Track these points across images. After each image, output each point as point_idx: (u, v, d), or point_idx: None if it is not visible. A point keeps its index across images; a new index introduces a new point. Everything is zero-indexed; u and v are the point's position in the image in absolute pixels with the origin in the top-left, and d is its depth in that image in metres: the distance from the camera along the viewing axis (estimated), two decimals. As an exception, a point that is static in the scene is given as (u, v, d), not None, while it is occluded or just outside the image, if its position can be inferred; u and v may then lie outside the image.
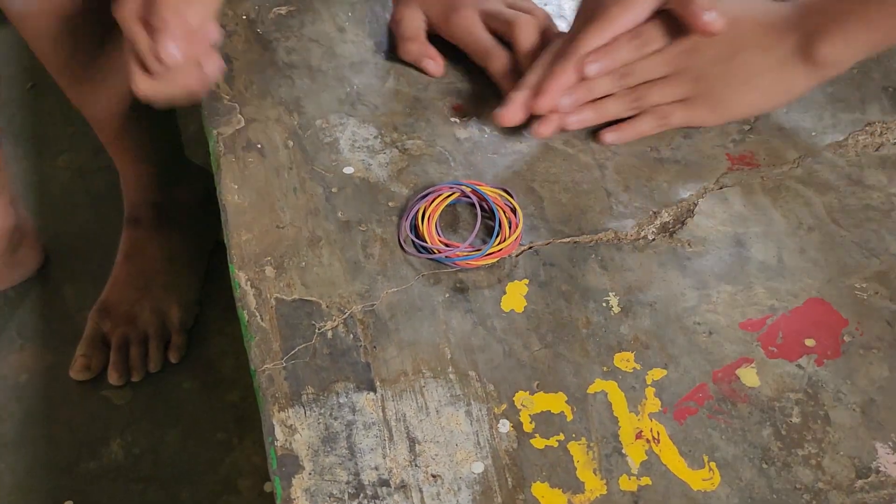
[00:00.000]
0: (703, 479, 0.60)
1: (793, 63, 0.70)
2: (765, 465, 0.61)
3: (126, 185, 1.15)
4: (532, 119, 0.76)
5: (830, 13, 0.68)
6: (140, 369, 1.13)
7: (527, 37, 0.79)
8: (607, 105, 0.76)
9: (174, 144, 1.16)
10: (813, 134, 0.80)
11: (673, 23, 0.73)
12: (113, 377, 1.12)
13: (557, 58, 0.74)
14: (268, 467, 0.62)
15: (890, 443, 0.61)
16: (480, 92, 0.83)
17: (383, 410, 0.63)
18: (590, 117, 0.76)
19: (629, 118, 0.77)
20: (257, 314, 0.68)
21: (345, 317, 0.68)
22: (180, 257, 1.17)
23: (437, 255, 0.71)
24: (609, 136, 0.76)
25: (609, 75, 0.75)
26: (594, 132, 0.79)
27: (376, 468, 0.61)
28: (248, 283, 0.70)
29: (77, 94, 1.02)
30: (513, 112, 0.75)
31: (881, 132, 0.80)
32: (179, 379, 1.13)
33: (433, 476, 0.60)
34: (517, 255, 0.71)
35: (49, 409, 1.12)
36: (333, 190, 0.76)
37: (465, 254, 0.70)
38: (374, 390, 0.64)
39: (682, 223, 0.74)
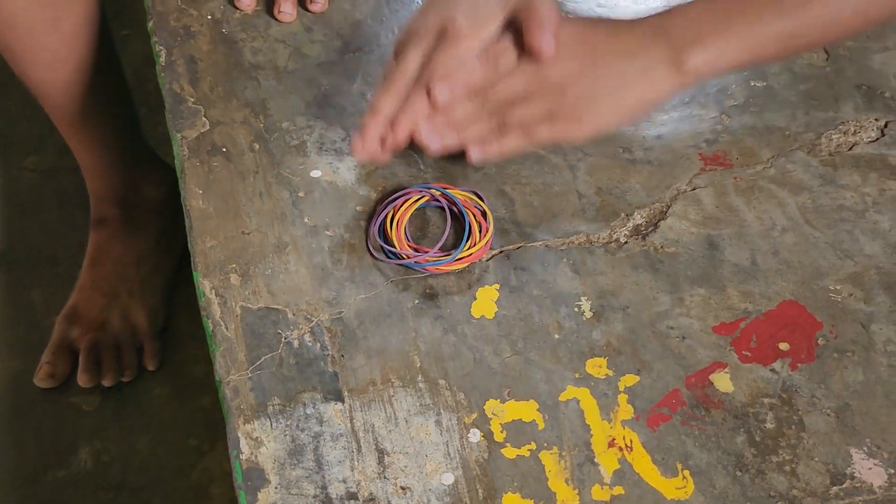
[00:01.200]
0: (676, 487, 0.59)
1: (659, 71, 0.67)
2: (739, 473, 0.60)
3: (90, 179, 1.13)
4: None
5: (701, 27, 0.66)
6: (113, 374, 1.11)
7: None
8: (470, 129, 0.70)
9: (135, 129, 1.14)
10: (787, 133, 0.79)
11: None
12: (83, 379, 1.09)
13: (409, 82, 0.70)
14: (233, 481, 0.60)
15: (865, 448, 0.61)
16: (450, 92, 0.82)
17: (351, 421, 0.62)
18: (453, 143, 0.70)
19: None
20: (222, 323, 0.66)
21: (312, 325, 0.67)
22: (149, 260, 1.15)
23: (406, 261, 0.69)
24: (474, 153, 0.69)
25: (468, 98, 0.70)
26: None
27: (344, 481, 0.59)
28: (213, 291, 0.68)
29: (34, 79, 1.00)
30: (369, 144, 0.69)
31: (854, 131, 0.79)
32: (150, 384, 1.11)
33: (402, 488, 0.59)
34: (487, 260, 0.70)
35: (16, 417, 1.09)
36: (300, 194, 0.74)
37: (435, 259, 0.69)
38: (342, 400, 0.63)
39: (655, 225, 0.73)
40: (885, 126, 0.79)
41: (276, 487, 0.59)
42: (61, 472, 1.05)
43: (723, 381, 0.64)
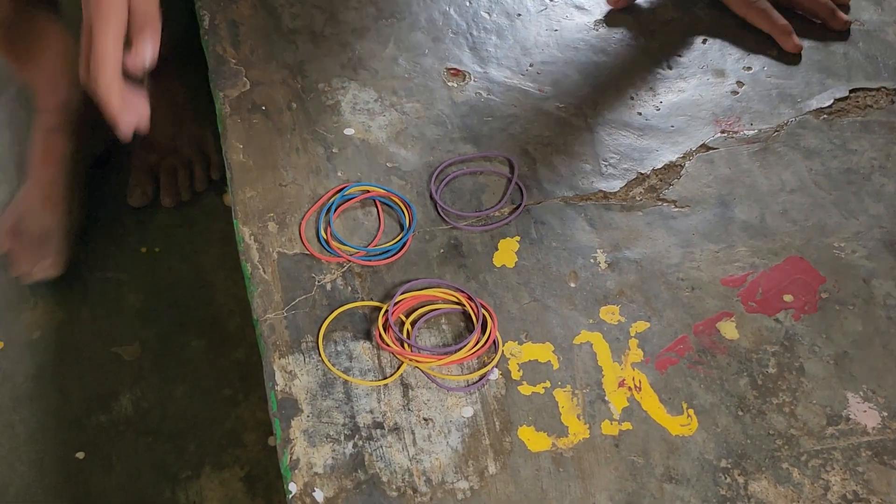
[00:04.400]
0: (681, 424, 0.63)
1: None
2: (740, 413, 0.64)
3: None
4: None
5: None
6: (188, 190, 1.28)
7: None
8: None
9: None
10: (799, 101, 0.82)
11: None
12: (166, 201, 1.27)
13: None
14: (268, 410, 0.65)
15: (861, 393, 0.64)
16: (476, 59, 0.86)
17: (378, 358, 0.66)
18: None
19: None
20: (260, 267, 0.71)
21: (343, 270, 0.71)
22: (198, 95, 1.26)
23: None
24: None
25: None
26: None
27: (371, 412, 0.64)
28: (252, 237, 0.73)
29: None
30: None
31: (865, 99, 0.82)
32: (187, 337, 1.17)
33: (425, 419, 0.64)
34: (510, 214, 0.74)
35: (61, 364, 1.15)
36: (334, 150, 0.79)
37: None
38: (370, 339, 0.67)
39: (669, 185, 0.76)
40: (896, 95, 0.82)
41: (307, 416, 0.64)
42: (103, 416, 1.11)
43: (729, 329, 0.68)
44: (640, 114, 0.82)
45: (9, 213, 1.20)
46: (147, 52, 0.64)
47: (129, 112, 0.65)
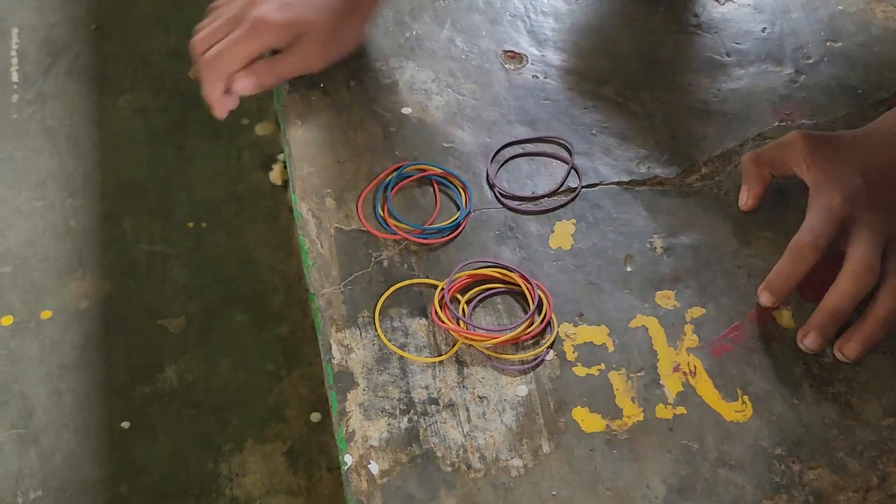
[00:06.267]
0: (736, 410, 0.63)
1: None
2: (795, 401, 0.64)
3: None
4: None
5: None
6: None
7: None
8: None
9: None
10: (859, 91, 0.82)
11: None
12: None
13: None
14: (324, 383, 0.66)
15: (917, 385, 0.64)
16: (534, 41, 0.86)
17: (434, 335, 0.67)
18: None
19: None
20: (318, 241, 0.72)
21: (400, 248, 0.72)
22: None
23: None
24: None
25: None
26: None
27: (426, 388, 0.65)
28: (310, 212, 0.74)
29: None
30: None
31: (926, 92, 0.82)
32: (232, 312, 1.18)
33: (480, 397, 0.64)
34: (566, 197, 0.75)
35: (107, 336, 1.17)
36: (392, 129, 0.79)
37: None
38: (426, 316, 0.68)
39: (727, 172, 0.76)
40: (957, 89, 0.82)
41: (363, 390, 0.65)
42: (148, 388, 1.12)
43: (785, 318, 0.68)
44: (698, 100, 0.81)
45: None
46: (245, 91, 0.78)
47: (224, 105, 0.79)
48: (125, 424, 1.10)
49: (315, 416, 1.10)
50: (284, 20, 0.77)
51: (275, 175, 1.32)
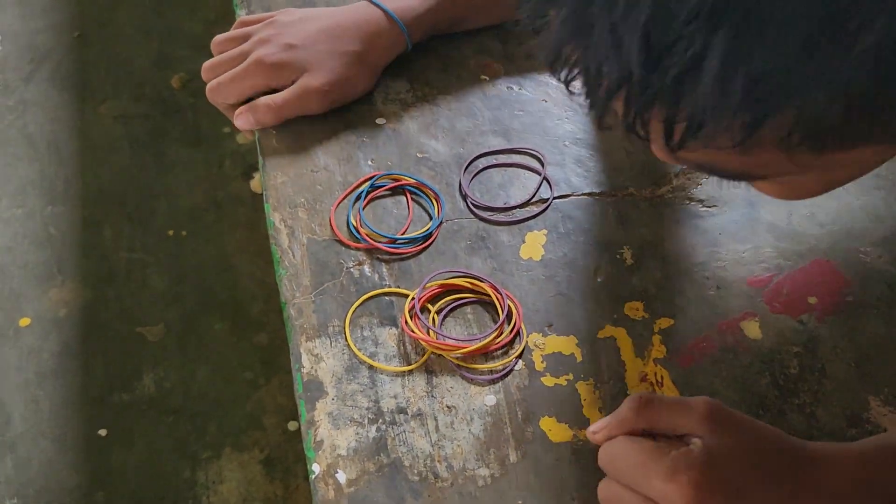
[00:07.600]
0: (701, 421, 0.64)
1: None
2: (761, 412, 0.64)
3: None
4: None
5: None
6: None
7: None
8: None
9: None
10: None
11: None
12: None
13: None
14: (294, 392, 0.66)
15: (882, 396, 0.65)
16: (510, 52, 0.87)
17: (404, 345, 0.67)
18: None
19: None
20: (289, 251, 0.72)
21: (372, 257, 0.72)
22: None
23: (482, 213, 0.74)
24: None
25: None
26: None
27: (395, 397, 0.65)
28: (282, 222, 0.74)
29: None
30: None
31: None
32: (210, 320, 1.18)
33: (448, 406, 0.65)
34: (538, 208, 0.75)
35: (86, 343, 1.17)
36: (365, 139, 0.80)
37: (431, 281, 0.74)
38: (397, 326, 0.68)
39: (697, 184, 0.77)
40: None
41: (332, 399, 0.65)
42: (126, 395, 1.12)
43: (752, 329, 0.68)
44: (670, 113, 0.82)
45: None
46: (243, 127, 0.80)
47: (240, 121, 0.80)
48: (102, 432, 1.10)
49: (292, 425, 1.11)
50: (280, 62, 0.78)
51: (255, 183, 1.33)
